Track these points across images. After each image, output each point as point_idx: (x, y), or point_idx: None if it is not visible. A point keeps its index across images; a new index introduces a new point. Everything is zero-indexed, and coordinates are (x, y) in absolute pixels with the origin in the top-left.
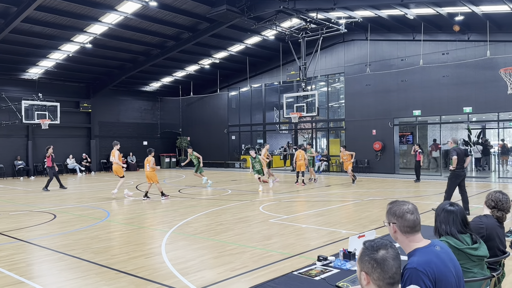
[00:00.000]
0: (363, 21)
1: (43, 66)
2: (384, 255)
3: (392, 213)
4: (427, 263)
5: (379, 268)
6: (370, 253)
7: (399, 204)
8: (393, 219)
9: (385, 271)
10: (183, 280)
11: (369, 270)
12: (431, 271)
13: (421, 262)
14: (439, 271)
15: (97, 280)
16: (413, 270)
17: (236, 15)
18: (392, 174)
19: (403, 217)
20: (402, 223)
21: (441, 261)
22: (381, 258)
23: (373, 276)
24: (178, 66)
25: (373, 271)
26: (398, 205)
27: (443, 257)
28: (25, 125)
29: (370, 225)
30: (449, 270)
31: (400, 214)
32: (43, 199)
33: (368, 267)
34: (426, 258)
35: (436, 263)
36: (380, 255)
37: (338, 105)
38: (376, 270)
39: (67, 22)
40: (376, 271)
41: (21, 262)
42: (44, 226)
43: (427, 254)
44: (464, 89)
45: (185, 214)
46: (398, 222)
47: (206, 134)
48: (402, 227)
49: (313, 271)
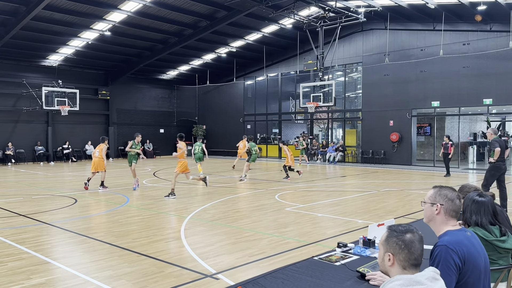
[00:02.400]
0: (383, 10)
1: (63, 53)
2: (411, 238)
3: (443, 195)
4: (458, 242)
5: (406, 249)
6: (398, 235)
7: (449, 189)
8: (443, 201)
9: (411, 253)
10: (202, 263)
11: (396, 251)
12: (461, 251)
13: (452, 241)
14: (469, 252)
15: (120, 262)
16: (443, 247)
17: (254, 3)
18: (409, 165)
19: (453, 201)
20: (451, 206)
21: (471, 244)
22: (409, 240)
23: (400, 257)
24: (195, 54)
25: (401, 252)
26: (449, 190)
27: (473, 241)
28: (45, 111)
29: (387, 216)
30: (478, 253)
31: (452, 198)
32: (64, 184)
33: (396, 248)
34: (457, 238)
35: (467, 244)
36: (408, 237)
37: (355, 95)
38: (404, 251)
39: (87, 10)
40: (404, 251)
41: (46, 243)
42: (66, 210)
43: (458, 235)
44: (484, 80)
45: (202, 201)
46: (447, 204)
47: (221, 123)
48: (449, 210)
49: (333, 257)
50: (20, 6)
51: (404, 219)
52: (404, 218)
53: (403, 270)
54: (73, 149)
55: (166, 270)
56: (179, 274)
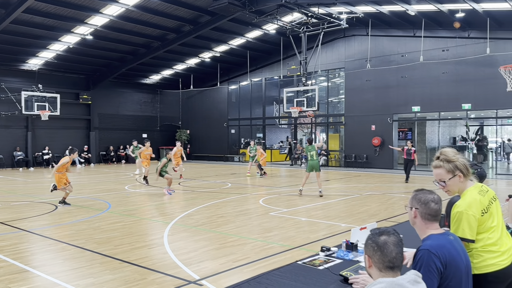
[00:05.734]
0: (364, 17)
1: (43, 57)
2: (385, 240)
3: (417, 199)
4: (440, 247)
5: (379, 251)
6: (373, 237)
7: (426, 192)
8: (417, 205)
9: (385, 255)
10: (186, 270)
11: (371, 253)
12: (443, 255)
13: (434, 245)
14: (450, 257)
15: (101, 269)
16: (425, 252)
17: (237, 9)
18: (390, 169)
19: (427, 205)
20: (425, 210)
21: (454, 248)
22: (382, 242)
23: (374, 259)
24: (179, 59)
25: (374, 254)
26: (424, 193)
27: (455, 245)
28: (24, 116)
29: (369, 219)
30: (460, 258)
31: (425, 202)
32: (44, 190)
33: (370, 250)
34: (439, 243)
35: (449, 248)
36: (382, 239)
37: (338, 100)
38: (377, 253)
39: (68, 13)
40: (377, 253)
41: (25, 251)
42: (46, 216)
43: (441, 239)
44: (463, 86)
45: (186, 206)
46: (421, 208)
47: (205, 128)
48: (424, 214)
49: (317, 261)
50: None
51: (386, 222)
52: (386, 222)
53: (380, 272)
54: (53, 155)
55: (148, 277)
56: (162, 281)
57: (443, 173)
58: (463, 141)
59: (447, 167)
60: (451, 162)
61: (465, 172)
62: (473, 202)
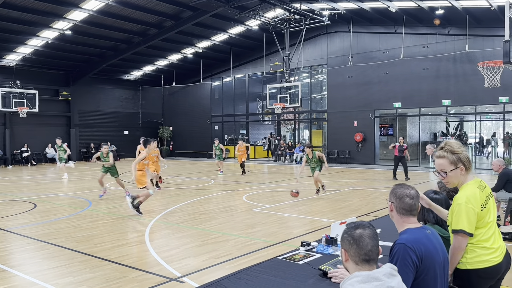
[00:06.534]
0: (346, 13)
1: (20, 53)
2: (361, 233)
3: (393, 194)
4: (416, 241)
5: (355, 244)
6: (348, 231)
7: (403, 187)
8: (393, 199)
9: (360, 248)
10: (167, 267)
11: (347, 246)
12: (419, 249)
13: (410, 239)
14: (427, 251)
15: (81, 268)
16: (401, 245)
17: (219, 4)
18: (372, 165)
19: (401, 199)
20: (400, 204)
21: (430, 242)
22: (358, 235)
23: (350, 253)
24: (160, 54)
25: (350, 247)
26: (401, 188)
27: (432, 239)
28: (2, 113)
29: (351, 214)
30: (437, 252)
31: (400, 196)
32: (22, 188)
33: (346, 244)
34: (415, 237)
35: (425, 243)
36: (357, 233)
37: (320, 97)
38: (353, 246)
39: (47, 8)
40: (353, 247)
41: (2, 250)
42: (25, 215)
43: (417, 234)
44: (443, 82)
45: (168, 203)
46: (397, 202)
47: (188, 124)
48: (399, 208)
49: (297, 256)
50: None
51: (367, 216)
52: (367, 216)
53: (356, 265)
54: (32, 152)
55: (129, 275)
56: (143, 278)
57: (446, 163)
58: (443, 137)
59: (451, 158)
60: (455, 154)
61: (467, 166)
62: (473, 196)
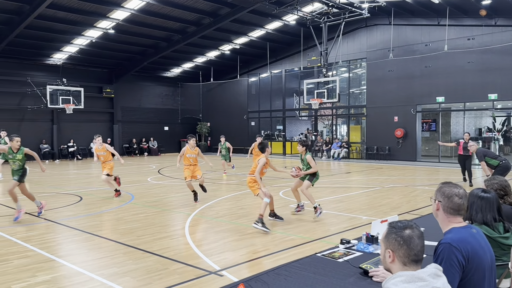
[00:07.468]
0: (387, 6)
1: (67, 52)
2: (410, 234)
3: (441, 192)
4: (462, 240)
5: (405, 245)
6: (397, 231)
7: (452, 186)
8: (441, 197)
9: (410, 248)
10: (207, 260)
11: (395, 247)
12: (465, 249)
13: (455, 239)
14: (473, 250)
15: (124, 259)
16: (446, 245)
17: (257, 0)
18: (413, 161)
19: (450, 199)
20: (448, 204)
21: (476, 242)
22: (408, 236)
23: (399, 253)
24: (199, 51)
25: (400, 248)
26: (450, 187)
27: (478, 239)
28: (50, 109)
29: (391, 212)
30: (484, 251)
31: (449, 195)
32: (69, 182)
33: (395, 245)
34: (461, 236)
35: (471, 242)
36: (407, 233)
37: (359, 91)
38: (403, 247)
39: (91, 8)
40: (403, 248)
41: (51, 241)
42: (71, 207)
43: (463, 233)
44: (489, 75)
45: (207, 198)
46: (444, 201)
47: (226, 120)
48: (446, 208)
49: (337, 253)
50: (24, 5)
51: (408, 215)
52: (408, 214)
53: (404, 266)
54: (78, 147)
55: (170, 267)
56: (183, 271)
57: None
58: (489, 132)
59: None
60: None
61: None
62: None
